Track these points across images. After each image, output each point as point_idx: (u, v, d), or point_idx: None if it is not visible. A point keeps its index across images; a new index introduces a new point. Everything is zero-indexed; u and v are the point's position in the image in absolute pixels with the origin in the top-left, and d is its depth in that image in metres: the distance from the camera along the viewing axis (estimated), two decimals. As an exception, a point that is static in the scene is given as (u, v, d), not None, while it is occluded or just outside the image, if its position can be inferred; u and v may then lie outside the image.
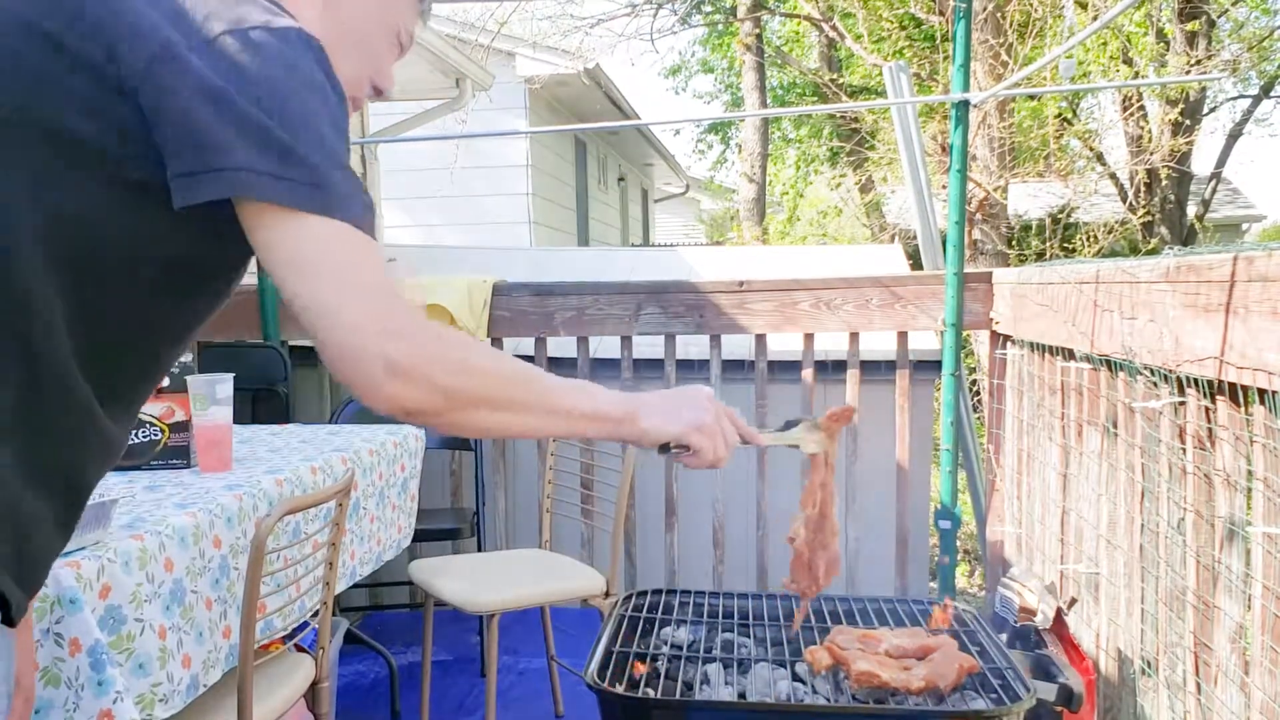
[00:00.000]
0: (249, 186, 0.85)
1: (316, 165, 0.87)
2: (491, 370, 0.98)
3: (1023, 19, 6.92)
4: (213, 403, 2.06)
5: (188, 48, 0.86)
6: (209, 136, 0.85)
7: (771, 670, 1.66)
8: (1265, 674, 1.55)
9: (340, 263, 0.88)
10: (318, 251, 0.87)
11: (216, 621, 1.74)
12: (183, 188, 0.86)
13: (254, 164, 0.84)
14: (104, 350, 0.92)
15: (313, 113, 0.88)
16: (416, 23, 1.18)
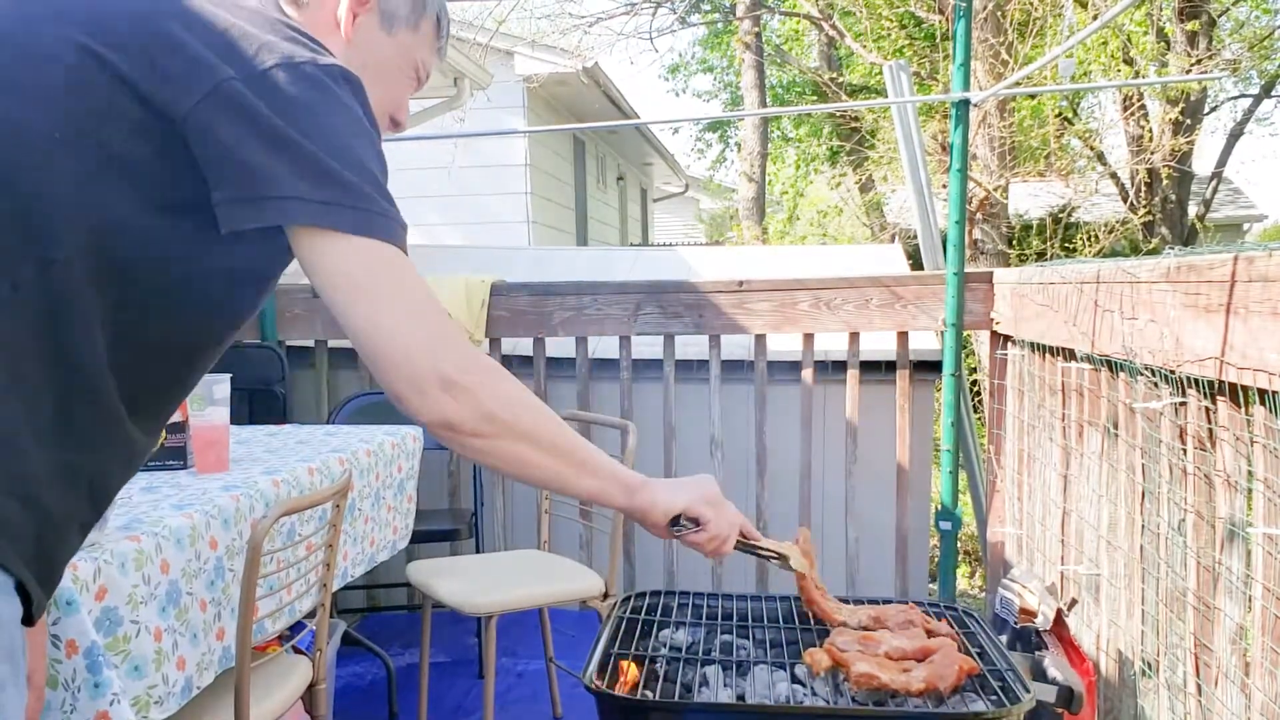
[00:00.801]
0: (297, 214, 0.91)
1: (359, 189, 0.92)
2: (536, 409, 1.04)
3: (1023, 18, 6.92)
4: (210, 403, 2.05)
5: (240, 78, 0.90)
6: (258, 165, 0.89)
7: (771, 672, 1.66)
8: (1266, 675, 1.54)
9: (391, 283, 0.94)
10: (366, 272, 0.94)
11: (211, 623, 1.73)
12: (232, 214, 0.91)
13: (300, 191, 0.90)
14: (138, 362, 0.95)
15: (355, 142, 0.94)
16: (434, 59, 1.23)
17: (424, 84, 1.22)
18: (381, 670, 3.15)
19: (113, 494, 1.01)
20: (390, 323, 0.93)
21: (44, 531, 0.89)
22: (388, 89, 1.16)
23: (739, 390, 3.56)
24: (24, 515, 0.86)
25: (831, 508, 3.51)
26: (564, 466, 1.06)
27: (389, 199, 0.96)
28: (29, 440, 0.86)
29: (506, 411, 1.00)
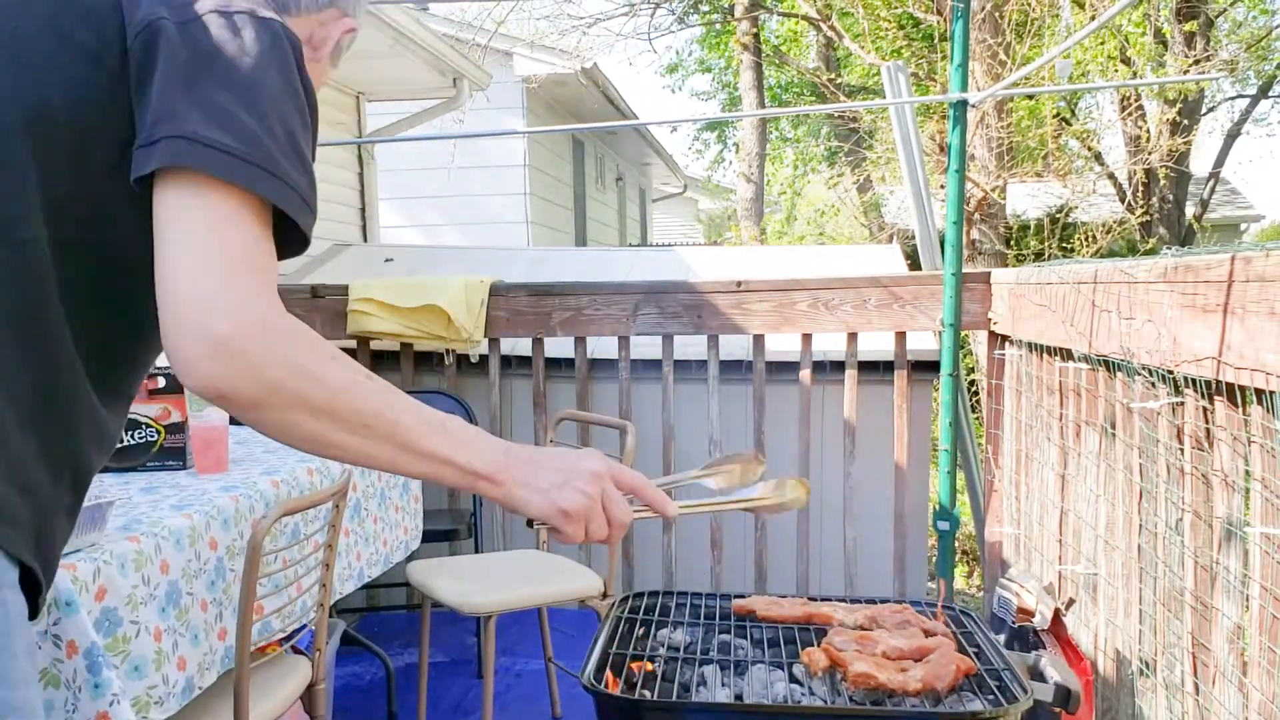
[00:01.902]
0: (184, 155, 0.83)
1: (265, 146, 0.86)
2: (338, 382, 0.87)
3: (1021, 19, 6.92)
4: (209, 404, 2.05)
5: (172, 20, 0.88)
6: (168, 107, 0.85)
7: (768, 672, 1.66)
8: (1263, 674, 1.54)
9: (225, 235, 0.83)
10: (209, 221, 0.83)
11: (212, 623, 1.73)
12: (136, 159, 0.85)
13: (198, 134, 0.83)
14: (100, 337, 0.94)
15: (278, 98, 0.89)
16: (354, 35, 1.18)
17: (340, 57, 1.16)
18: (381, 670, 3.15)
19: (91, 478, 0.99)
20: (184, 268, 0.82)
21: (40, 519, 0.89)
22: None
23: (737, 390, 3.56)
24: (22, 502, 0.86)
25: (830, 508, 3.52)
26: (377, 447, 0.90)
27: (301, 167, 0.89)
28: (13, 426, 0.85)
29: (295, 381, 0.84)
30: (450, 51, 5.44)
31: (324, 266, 4.56)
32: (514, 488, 0.96)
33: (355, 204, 5.97)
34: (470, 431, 0.96)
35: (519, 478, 0.96)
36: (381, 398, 0.91)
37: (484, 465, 0.95)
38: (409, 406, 0.93)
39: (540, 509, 0.97)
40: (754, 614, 1.84)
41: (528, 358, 3.60)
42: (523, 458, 0.97)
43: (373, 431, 0.89)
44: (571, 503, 0.96)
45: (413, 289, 3.49)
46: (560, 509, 0.97)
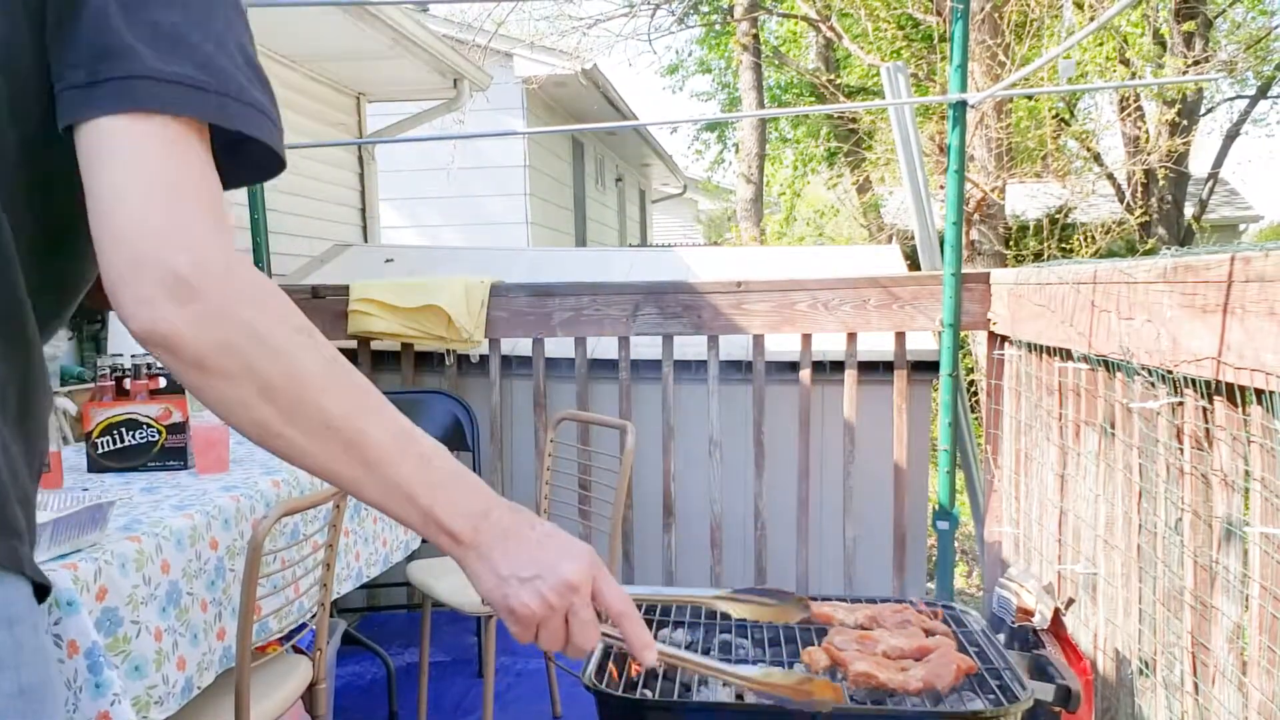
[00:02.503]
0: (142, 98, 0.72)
1: (228, 71, 0.77)
2: (303, 364, 0.74)
3: (1020, 19, 6.92)
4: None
5: None
6: (114, 41, 0.73)
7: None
8: (1263, 674, 1.55)
9: (181, 162, 0.73)
10: (163, 149, 0.72)
11: (211, 623, 1.73)
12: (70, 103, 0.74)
13: (157, 69, 0.73)
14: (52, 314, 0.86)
15: (225, 8, 0.80)
16: None
17: None
18: (381, 669, 3.15)
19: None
20: (136, 191, 0.71)
21: (32, 526, 0.84)
22: None
23: (737, 390, 3.57)
24: (24, 515, 0.82)
25: (829, 507, 3.52)
26: (334, 456, 0.75)
27: (261, 83, 0.80)
28: (10, 438, 0.80)
29: (249, 346, 0.71)
30: (450, 52, 5.44)
31: (324, 267, 4.57)
32: (473, 557, 0.81)
33: (355, 204, 5.97)
34: (455, 473, 0.81)
35: (485, 547, 0.81)
36: (355, 399, 0.76)
37: (453, 519, 0.79)
38: (388, 421, 0.78)
39: (489, 594, 0.82)
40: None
41: (528, 358, 3.60)
42: (501, 527, 0.81)
43: (333, 437, 0.75)
44: (524, 606, 0.80)
45: (413, 289, 3.49)
46: (509, 606, 0.81)
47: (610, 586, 0.84)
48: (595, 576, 0.83)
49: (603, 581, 0.84)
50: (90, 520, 1.51)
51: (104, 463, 2.12)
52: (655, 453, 3.48)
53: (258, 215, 3.59)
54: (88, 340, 3.10)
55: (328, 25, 4.48)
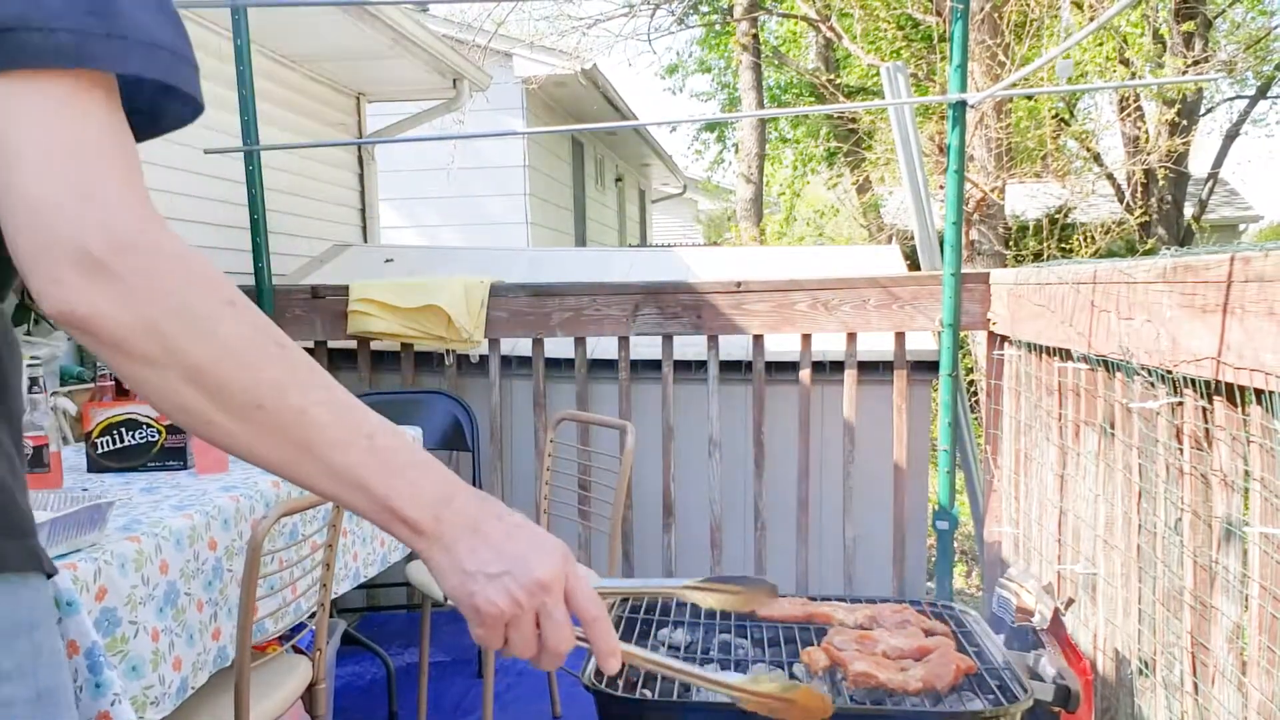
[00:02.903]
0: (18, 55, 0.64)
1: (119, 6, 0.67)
2: (230, 338, 0.66)
3: (1020, 19, 6.93)
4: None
5: None
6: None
7: (769, 671, 1.66)
8: (1262, 674, 1.55)
9: (54, 123, 0.64)
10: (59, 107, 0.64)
11: (207, 623, 1.74)
12: None
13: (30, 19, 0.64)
14: None
15: None
16: None
17: None
18: (381, 669, 3.15)
19: None
20: (33, 159, 0.63)
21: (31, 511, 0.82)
22: None
23: (737, 390, 3.57)
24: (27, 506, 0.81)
25: (829, 507, 3.52)
26: (268, 442, 0.68)
27: (163, 12, 0.70)
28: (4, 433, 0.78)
29: (173, 325, 0.64)
30: (450, 52, 5.44)
31: (324, 267, 4.56)
32: (436, 549, 0.73)
33: (355, 204, 5.97)
34: (412, 457, 0.73)
35: (449, 539, 0.73)
36: (292, 376, 0.68)
37: (411, 508, 0.72)
38: (332, 399, 0.70)
39: (453, 591, 0.74)
40: (754, 613, 1.84)
41: (528, 358, 3.60)
42: (466, 517, 0.74)
43: (267, 419, 0.67)
44: (490, 604, 0.73)
45: (413, 289, 3.49)
46: (475, 605, 0.73)
47: (582, 586, 0.77)
48: (568, 576, 0.76)
49: (574, 580, 0.77)
50: (89, 520, 1.51)
51: (104, 463, 2.12)
52: (655, 453, 3.48)
53: (257, 215, 3.59)
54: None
55: (327, 25, 4.48)
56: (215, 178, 4.13)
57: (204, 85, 0.76)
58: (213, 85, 4.30)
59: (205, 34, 4.27)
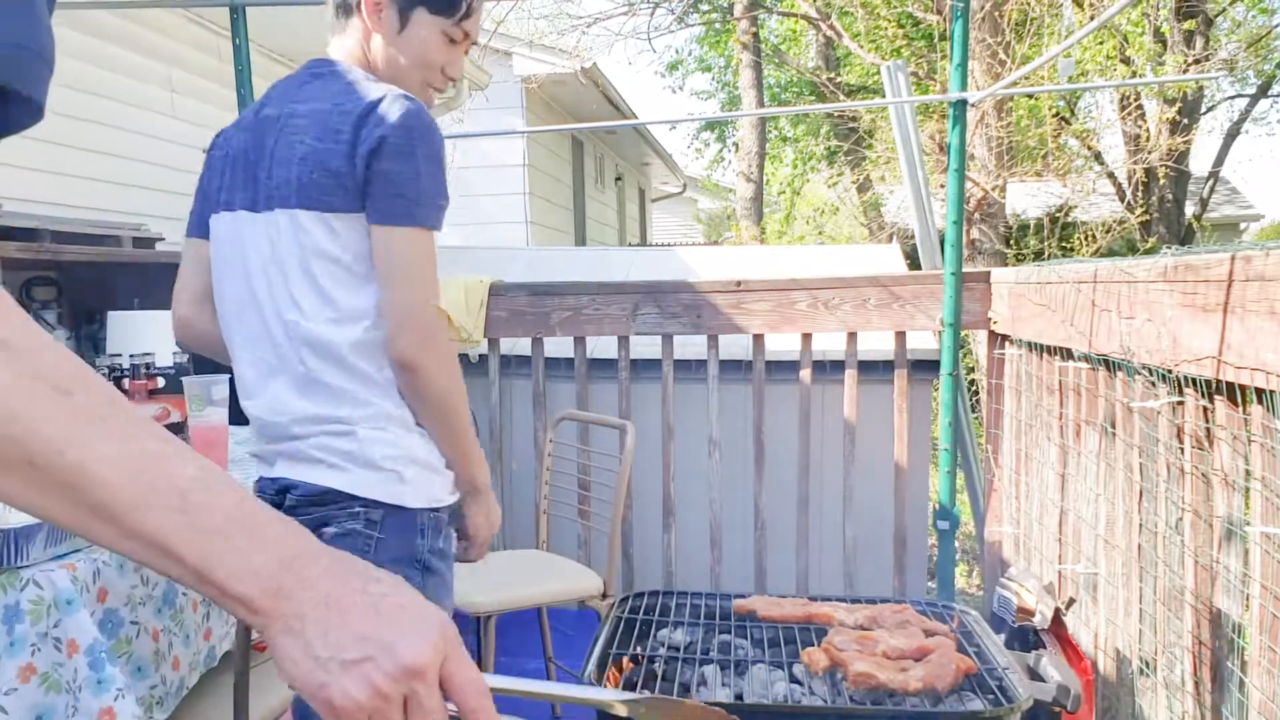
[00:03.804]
0: None
1: None
2: (9, 397, 0.54)
3: (1020, 18, 6.92)
4: (208, 404, 2.05)
5: None
6: None
7: (769, 671, 1.66)
8: (1263, 674, 1.54)
9: None
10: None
11: (201, 623, 1.74)
12: None
13: None
14: None
15: None
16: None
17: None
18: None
19: None
20: None
21: None
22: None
23: (737, 390, 3.56)
24: None
25: (830, 507, 3.52)
26: (48, 504, 0.56)
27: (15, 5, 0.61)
28: None
29: None
30: (449, 51, 5.43)
31: (323, 266, 4.56)
32: (276, 630, 0.60)
33: (355, 204, 5.97)
34: (241, 517, 0.60)
35: (293, 617, 0.60)
36: (71, 425, 0.55)
37: (237, 581, 0.59)
38: (127, 450, 0.57)
39: (299, 682, 0.61)
40: (755, 614, 1.84)
41: (527, 357, 3.60)
42: (316, 589, 0.61)
43: (41, 476, 0.55)
44: (347, 698, 0.60)
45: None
46: (328, 699, 0.60)
47: (464, 670, 0.64)
48: (448, 656, 0.63)
49: (455, 662, 0.64)
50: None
51: (103, 463, 2.11)
52: (655, 452, 3.48)
53: (257, 215, 3.59)
54: (86, 340, 3.10)
55: (327, 24, 4.48)
56: (215, 177, 4.13)
57: (203, 84, 0.75)
58: (211, 84, 4.31)
59: (204, 33, 4.26)
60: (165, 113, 3.99)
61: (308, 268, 1.49)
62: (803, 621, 1.81)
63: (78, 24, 3.57)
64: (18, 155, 3.29)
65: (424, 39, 1.61)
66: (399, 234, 1.47)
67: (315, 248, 1.49)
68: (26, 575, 1.36)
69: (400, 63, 1.62)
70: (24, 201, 3.13)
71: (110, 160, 3.71)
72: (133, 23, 3.85)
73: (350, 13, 1.63)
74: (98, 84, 3.67)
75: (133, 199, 3.77)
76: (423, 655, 0.61)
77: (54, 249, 2.76)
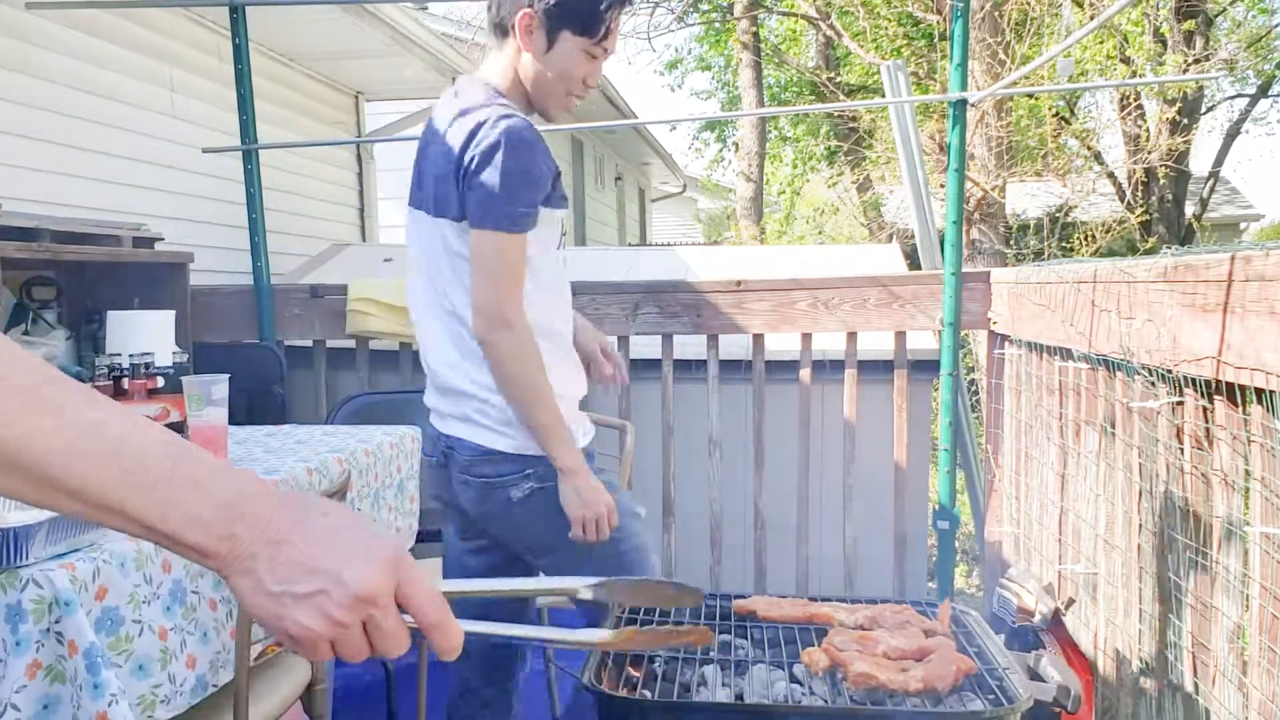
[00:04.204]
0: None
1: None
2: None
3: (1020, 18, 6.92)
4: (208, 403, 2.05)
5: None
6: None
7: (769, 672, 1.66)
8: (1263, 674, 1.54)
9: None
10: None
11: (223, 622, 1.73)
12: None
13: None
14: None
15: None
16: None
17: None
18: (380, 671, 3.15)
19: None
20: None
21: None
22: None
23: (737, 390, 3.56)
24: None
25: (829, 507, 3.52)
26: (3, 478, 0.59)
27: None
28: None
29: None
30: (449, 50, 5.44)
31: (323, 266, 4.56)
32: (233, 573, 0.63)
33: (354, 204, 5.97)
34: (183, 466, 0.63)
35: (245, 558, 0.63)
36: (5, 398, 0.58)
37: (188, 530, 0.61)
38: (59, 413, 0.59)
39: (260, 617, 0.65)
40: (755, 614, 1.83)
41: (527, 357, 3.59)
42: (264, 528, 0.63)
43: None
44: (304, 629, 0.63)
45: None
46: (285, 631, 0.64)
47: (419, 591, 0.67)
48: (400, 580, 0.66)
49: (410, 585, 0.66)
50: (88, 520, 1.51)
51: (102, 463, 2.11)
52: (655, 452, 3.47)
53: (256, 214, 3.59)
54: (86, 340, 3.10)
55: (326, 24, 4.48)
56: (213, 177, 4.13)
57: (203, 84, 0.76)
58: (211, 84, 4.31)
59: (204, 32, 4.26)
60: (165, 113, 3.99)
61: (452, 264, 1.85)
62: (803, 622, 1.81)
63: (78, 24, 3.57)
64: (18, 155, 3.29)
65: (568, 56, 1.85)
66: (477, 235, 1.78)
67: (449, 248, 1.85)
68: (26, 575, 1.36)
69: (546, 77, 1.87)
70: (24, 201, 3.13)
71: (110, 160, 3.71)
72: (133, 23, 3.85)
73: (506, 34, 1.89)
74: (98, 84, 3.67)
75: (133, 199, 3.77)
76: (371, 583, 0.63)
77: (54, 249, 2.76)
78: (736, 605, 1.86)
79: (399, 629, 0.66)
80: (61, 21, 3.49)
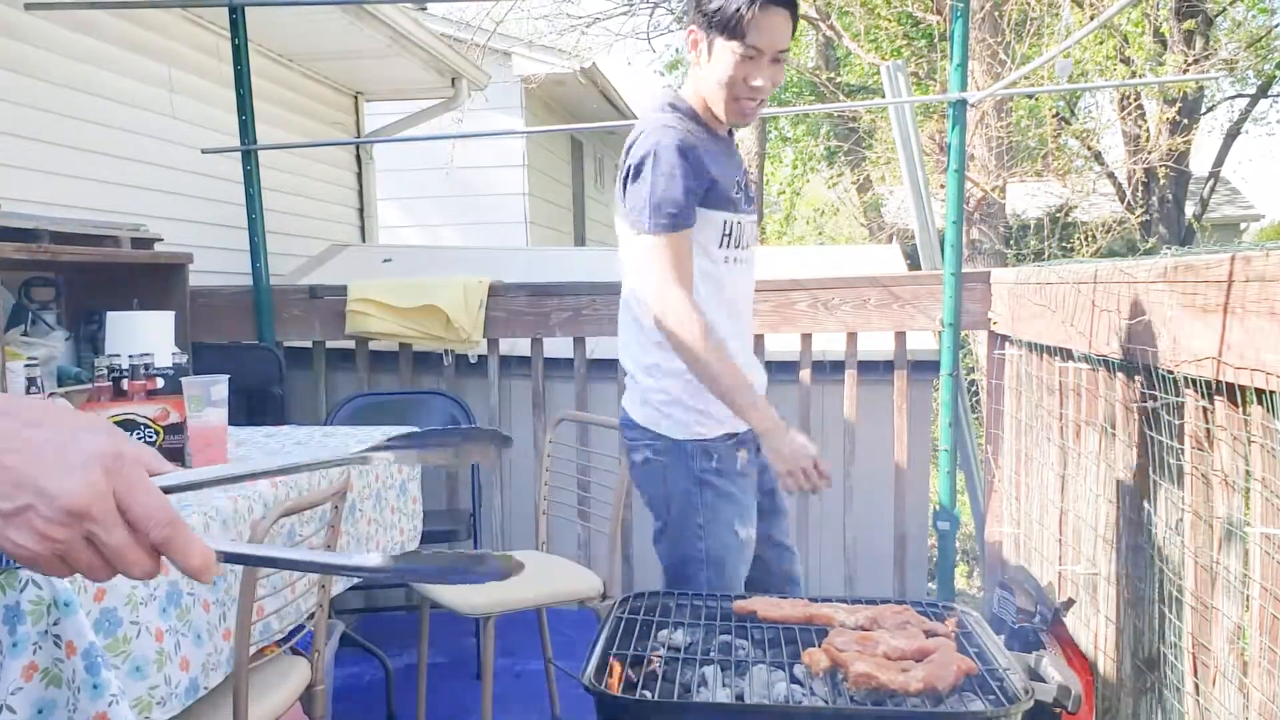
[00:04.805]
0: None
1: None
2: None
3: (1020, 18, 6.92)
4: (208, 404, 2.05)
5: None
6: None
7: (769, 672, 1.66)
8: (1263, 674, 1.54)
9: None
10: None
11: (216, 624, 1.73)
12: None
13: None
14: None
15: None
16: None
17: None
18: (380, 671, 3.15)
19: None
20: None
21: None
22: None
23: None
24: None
25: (830, 508, 3.51)
26: None
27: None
28: None
29: None
30: (449, 51, 5.44)
31: (322, 267, 4.56)
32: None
33: (354, 204, 5.97)
34: None
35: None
36: None
37: None
38: None
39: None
40: (755, 614, 1.83)
41: (527, 358, 3.59)
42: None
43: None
44: (18, 548, 0.59)
45: (411, 289, 3.49)
46: (3, 549, 0.60)
47: (142, 496, 0.61)
48: (117, 489, 0.60)
49: (130, 494, 0.60)
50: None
51: (102, 463, 2.11)
52: (655, 452, 3.47)
53: (255, 215, 3.59)
54: (85, 340, 3.10)
55: (325, 24, 4.48)
56: (213, 177, 4.12)
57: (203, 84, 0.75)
58: (211, 84, 4.31)
59: (203, 33, 4.26)
60: (165, 113, 3.99)
61: (626, 256, 2.07)
62: (803, 622, 1.81)
63: (77, 24, 3.57)
64: (17, 155, 3.28)
65: (722, 60, 1.94)
66: (636, 239, 1.98)
67: (624, 241, 2.06)
68: (25, 575, 1.36)
69: (711, 85, 1.99)
70: (23, 202, 3.12)
71: (109, 160, 3.70)
72: (132, 23, 3.85)
73: None
74: (97, 84, 3.66)
75: (132, 199, 3.77)
76: (79, 496, 0.58)
77: (53, 249, 2.76)
78: (736, 605, 1.86)
79: (129, 544, 0.60)
80: (61, 22, 3.49)
